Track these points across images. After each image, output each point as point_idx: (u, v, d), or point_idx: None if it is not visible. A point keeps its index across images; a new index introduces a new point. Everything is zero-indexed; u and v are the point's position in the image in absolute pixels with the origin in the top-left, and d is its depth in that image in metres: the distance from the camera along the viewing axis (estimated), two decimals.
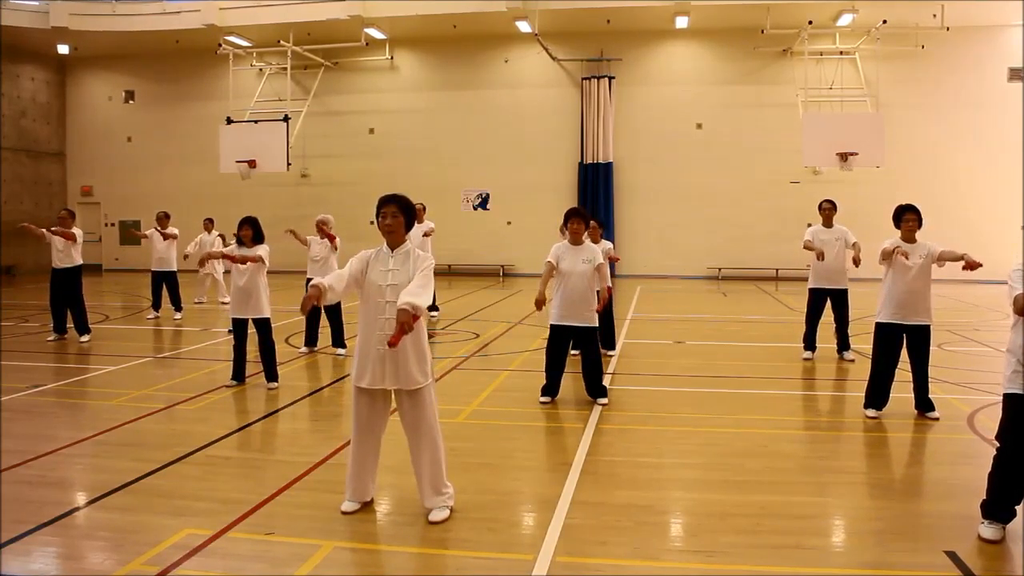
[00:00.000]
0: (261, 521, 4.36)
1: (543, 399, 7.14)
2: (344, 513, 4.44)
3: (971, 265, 6.08)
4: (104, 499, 4.68)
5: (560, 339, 7.07)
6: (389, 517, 4.51)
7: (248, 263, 7.68)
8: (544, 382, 7.20)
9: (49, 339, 10.72)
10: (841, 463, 5.57)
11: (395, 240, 4.35)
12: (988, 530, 4.10)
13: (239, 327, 7.87)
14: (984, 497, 4.19)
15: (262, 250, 7.74)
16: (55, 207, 24.46)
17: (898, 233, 6.57)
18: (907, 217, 6.46)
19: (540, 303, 6.97)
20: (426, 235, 12.13)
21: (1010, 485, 4.09)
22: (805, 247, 9.14)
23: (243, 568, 3.80)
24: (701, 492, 4.92)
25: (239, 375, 7.91)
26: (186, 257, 14.02)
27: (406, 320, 3.93)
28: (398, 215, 4.32)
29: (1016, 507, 4.12)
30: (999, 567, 3.86)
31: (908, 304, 6.44)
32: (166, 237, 13.11)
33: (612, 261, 8.38)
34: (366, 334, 4.31)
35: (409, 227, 4.40)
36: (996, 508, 4.13)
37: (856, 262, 8.74)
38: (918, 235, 6.50)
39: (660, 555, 4.00)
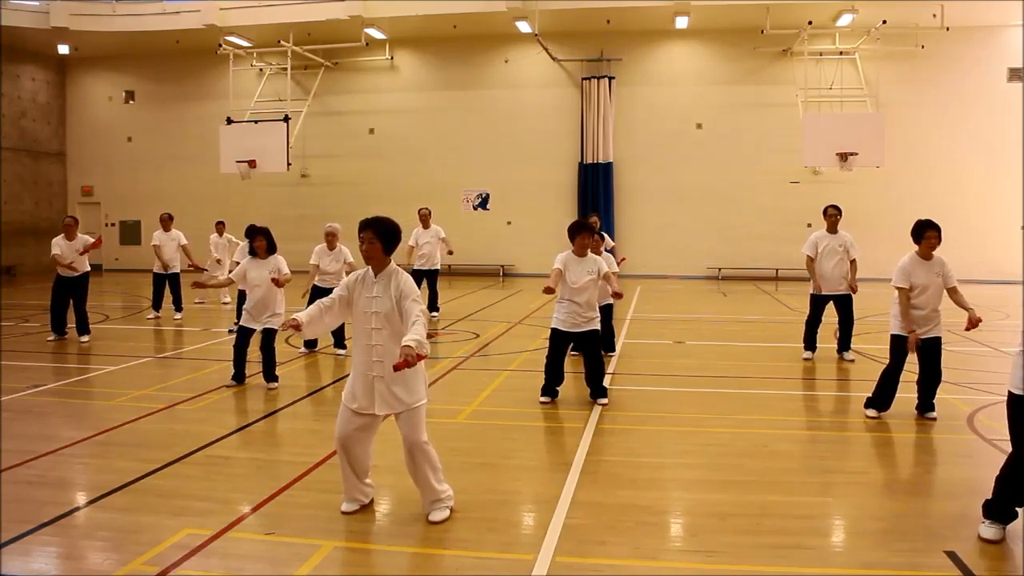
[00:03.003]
0: (261, 521, 4.37)
1: (543, 399, 7.16)
2: (344, 513, 4.45)
3: (973, 323, 6.16)
4: (104, 499, 4.68)
5: (561, 343, 7.09)
6: (389, 517, 4.51)
7: (283, 284, 7.77)
8: (543, 382, 7.21)
9: (48, 339, 10.73)
10: (841, 463, 5.57)
11: (375, 265, 4.29)
12: (989, 530, 4.10)
13: (244, 334, 7.88)
14: (989, 497, 4.16)
15: (284, 264, 7.82)
16: (55, 207, 24.53)
17: (915, 247, 6.45)
18: (928, 235, 6.35)
19: (550, 290, 6.81)
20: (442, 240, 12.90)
21: (1018, 488, 4.06)
22: (808, 268, 9.20)
23: (243, 568, 3.80)
24: (701, 492, 4.92)
25: (239, 377, 7.92)
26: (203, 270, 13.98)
27: (409, 355, 3.86)
28: (374, 241, 4.23)
29: (1017, 509, 4.11)
30: (999, 567, 3.86)
31: (922, 321, 6.44)
32: (193, 265, 13.24)
33: (617, 263, 8.48)
34: (357, 359, 4.34)
35: (388, 252, 4.29)
36: (1000, 509, 4.11)
37: (852, 290, 8.99)
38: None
39: (660, 555, 4.00)
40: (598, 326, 7.10)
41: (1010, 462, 4.14)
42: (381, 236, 4.25)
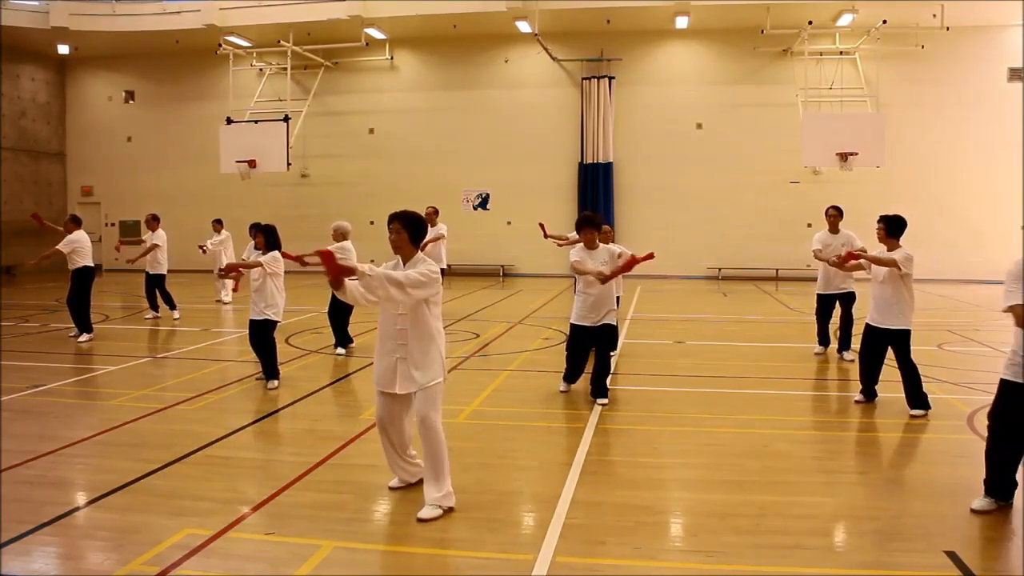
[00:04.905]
0: (261, 521, 4.37)
1: (562, 387, 7.37)
2: (391, 489, 4.80)
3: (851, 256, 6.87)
4: (104, 499, 4.68)
5: (581, 338, 7.22)
6: (389, 517, 4.52)
7: (251, 269, 7.86)
8: (565, 369, 7.38)
9: (71, 336, 10.79)
10: (841, 463, 5.58)
11: (402, 255, 4.52)
12: (979, 501, 4.42)
13: (251, 328, 7.95)
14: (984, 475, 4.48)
15: (263, 257, 7.84)
16: (55, 207, 24.52)
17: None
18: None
19: (605, 277, 6.80)
20: (437, 239, 12.71)
21: (1001, 463, 4.36)
22: (818, 258, 9.20)
23: (243, 568, 3.80)
24: (701, 492, 4.92)
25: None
26: (204, 251, 15.23)
27: (334, 262, 4.07)
28: (401, 231, 4.49)
29: (1013, 486, 4.38)
30: (999, 567, 3.87)
31: (877, 309, 6.70)
32: (148, 251, 12.86)
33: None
34: (384, 343, 4.55)
35: (415, 241, 4.52)
36: (991, 484, 4.43)
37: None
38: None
39: (660, 555, 4.00)
40: (614, 320, 7.18)
41: (988, 440, 4.52)
42: (407, 226, 4.50)
